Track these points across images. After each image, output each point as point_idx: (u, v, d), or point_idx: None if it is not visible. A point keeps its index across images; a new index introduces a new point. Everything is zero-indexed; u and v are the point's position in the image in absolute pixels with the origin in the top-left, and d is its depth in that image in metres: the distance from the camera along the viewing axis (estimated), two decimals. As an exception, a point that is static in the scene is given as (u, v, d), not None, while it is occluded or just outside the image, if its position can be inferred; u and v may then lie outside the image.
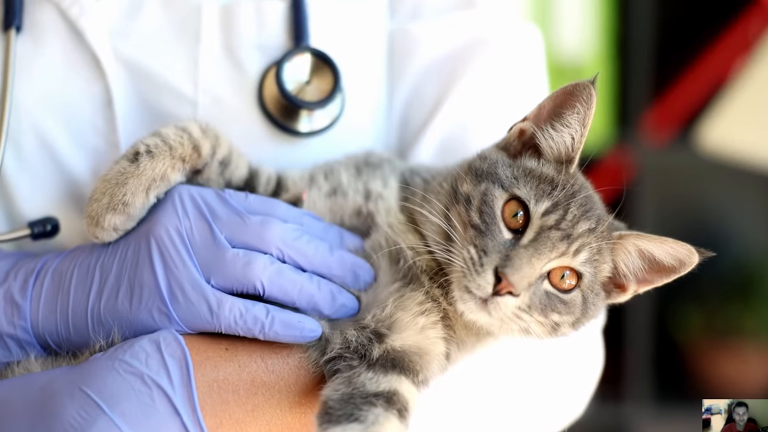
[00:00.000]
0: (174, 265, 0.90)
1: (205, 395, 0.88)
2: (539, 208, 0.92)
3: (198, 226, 0.92)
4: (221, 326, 0.90)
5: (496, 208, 0.93)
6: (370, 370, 0.90)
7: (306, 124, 1.07)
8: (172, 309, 0.90)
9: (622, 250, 0.96)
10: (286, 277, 0.92)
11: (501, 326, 0.93)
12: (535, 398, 1.12)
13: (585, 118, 0.93)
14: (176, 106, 1.05)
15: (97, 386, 0.85)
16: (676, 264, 0.95)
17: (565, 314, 0.94)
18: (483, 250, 0.91)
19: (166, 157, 0.94)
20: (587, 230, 0.93)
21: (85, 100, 1.05)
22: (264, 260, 0.91)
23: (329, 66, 1.07)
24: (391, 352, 0.92)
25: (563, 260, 0.92)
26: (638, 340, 2.42)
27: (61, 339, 0.94)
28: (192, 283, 0.90)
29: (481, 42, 1.14)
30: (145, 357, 0.87)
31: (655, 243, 0.95)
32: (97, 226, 0.94)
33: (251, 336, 0.91)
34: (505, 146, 1.00)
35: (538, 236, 0.91)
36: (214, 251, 0.91)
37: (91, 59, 1.05)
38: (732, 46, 2.38)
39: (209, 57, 1.06)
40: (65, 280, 0.94)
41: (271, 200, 0.97)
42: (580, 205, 0.93)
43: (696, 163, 2.46)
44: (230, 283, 0.91)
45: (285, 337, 0.91)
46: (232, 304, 0.90)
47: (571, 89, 0.93)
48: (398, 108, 1.14)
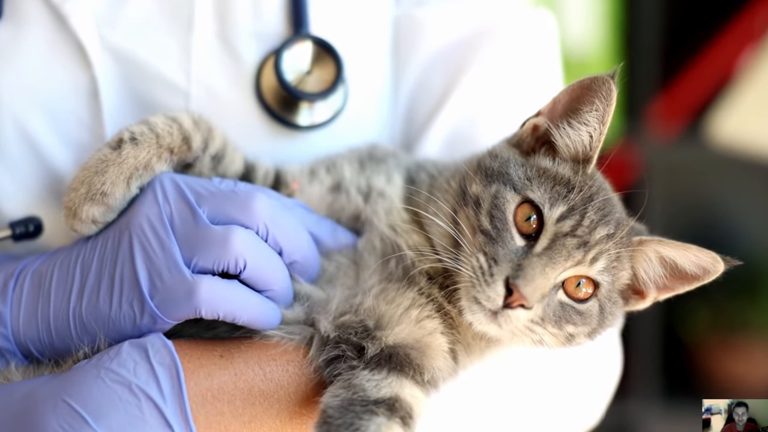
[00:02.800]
0: (153, 253, 0.87)
1: (199, 406, 0.85)
2: (554, 213, 0.88)
3: (179, 209, 0.89)
4: (201, 310, 0.86)
5: (507, 212, 0.89)
6: (367, 369, 0.87)
7: (306, 116, 1.05)
8: (149, 298, 0.86)
9: (642, 257, 0.93)
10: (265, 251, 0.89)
11: (512, 338, 0.90)
12: (550, 406, 1.10)
13: (604, 116, 0.89)
14: (168, 98, 1.02)
15: (81, 397, 0.81)
16: (699, 272, 0.91)
17: (581, 325, 0.90)
18: (493, 258, 0.88)
19: (152, 145, 0.91)
20: (605, 236, 0.89)
21: (69, 91, 1.02)
22: (243, 233, 0.87)
23: (331, 55, 1.04)
24: (386, 348, 0.89)
25: (579, 269, 0.89)
26: (644, 337, 2.40)
27: (43, 346, 0.91)
28: (170, 267, 0.86)
29: (490, 29, 1.11)
30: (132, 365, 0.83)
31: (678, 250, 0.91)
32: (75, 218, 0.91)
33: (231, 320, 0.87)
34: (517, 142, 0.96)
35: (552, 244, 0.88)
36: (194, 229, 0.88)
37: (76, 48, 1.02)
38: (738, 38, 2.36)
39: (203, 46, 1.03)
40: (45, 281, 0.91)
41: (261, 188, 0.94)
42: (597, 209, 0.89)
43: (703, 157, 2.44)
44: (210, 262, 0.87)
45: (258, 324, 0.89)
46: (209, 285, 0.86)
47: (588, 83, 0.89)
48: (403, 100, 1.12)
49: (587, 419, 1.15)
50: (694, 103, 2.41)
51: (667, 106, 2.41)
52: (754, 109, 2.31)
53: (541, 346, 0.90)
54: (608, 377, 1.16)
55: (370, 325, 0.89)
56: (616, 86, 0.88)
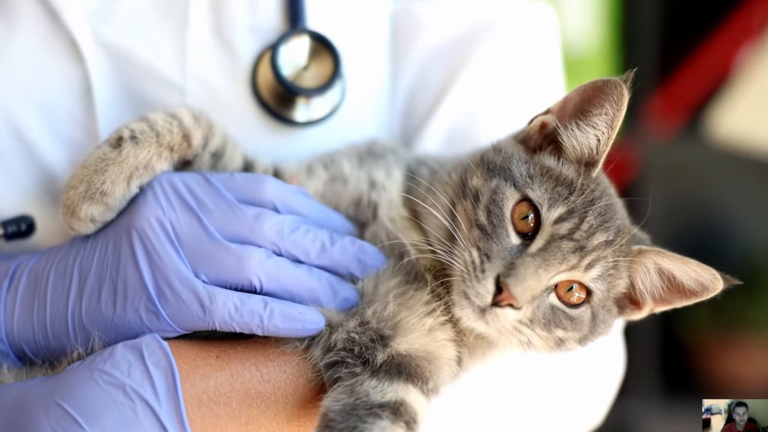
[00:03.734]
0: (159, 259, 0.86)
1: (194, 408, 0.83)
2: (552, 214, 0.87)
3: (184, 217, 0.87)
4: (215, 322, 0.85)
5: (505, 209, 0.88)
6: (374, 378, 0.85)
7: (303, 112, 1.03)
8: (161, 307, 0.85)
9: (640, 267, 0.91)
10: (285, 271, 0.87)
11: (499, 337, 0.89)
12: (551, 406, 1.09)
13: (614, 120, 0.87)
14: (162, 94, 1.01)
15: (74, 399, 0.80)
16: (697, 288, 0.89)
17: (571, 330, 0.89)
18: (486, 254, 0.86)
19: (152, 144, 0.90)
20: (603, 243, 0.87)
21: (62, 87, 1.00)
22: (260, 254, 0.87)
23: (328, 50, 1.02)
24: (397, 357, 0.87)
25: (573, 274, 0.87)
26: (644, 336, 2.40)
27: (38, 347, 0.89)
28: (180, 277, 0.85)
29: (490, 24, 1.09)
30: (127, 366, 0.82)
31: (677, 263, 0.89)
32: (73, 216, 0.89)
33: (248, 331, 0.86)
34: (524, 139, 0.94)
35: (548, 245, 0.86)
36: (204, 244, 0.87)
37: (69, 43, 1.00)
38: (737, 34, 2.37)
39: (198, 40, 1.02)
40: (41, 282, 0.89)
41: (258, 176, 0.93)
42: (598, 215, 0.88)
43: (702, 154, 2.44)
44: (223, 278, 0.86)
45: (286, 331, 0.86)
46: (226, 298, 0.85)
47: (600, 85, 0.87)
48: (402, 95, 1.10)
49: (589, 420, 1.14)
50: (693, 99, 2.42)
51: (666, 103, 2.41)
52: (754, 106, 2.31)
53: (530, 349, 0.88)
54: (611, 378, 1.15)
55: (387, 333, 0.87)
56: (628, 91, 0.86)
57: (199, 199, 0.89)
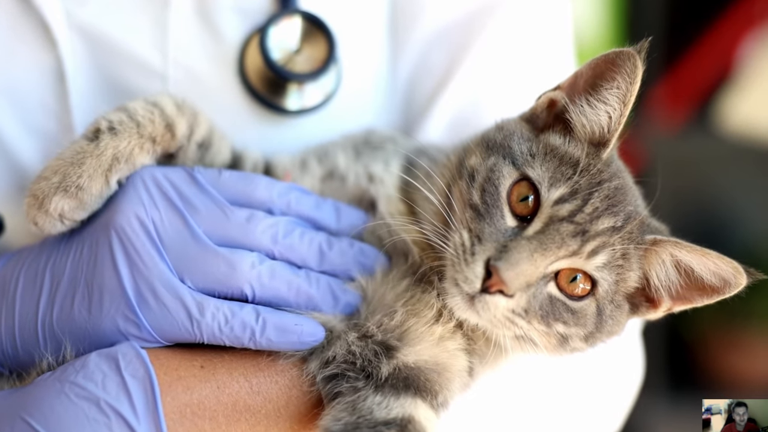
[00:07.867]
0: (141, 262, 0.82)
1: (176, 423, 0.80)
2: (552, 195, 0.82)
3: (168, 217, 0.84)
4: (203, 335, 0.82)
5: (501, 188, 0.84)
6: (379, 393, 0.82)
7: (296, 100, 1.01)
8: (142, 315, 0.82)
9: (655, 259, 0.86)
10: (280, 277, 0.85)
11: (493, 330, 0.84)
12: (568, 412, 1.06)
13: (626, 95, 0.84)
14: (142, 80, 0.98)
15: (42, 414, 0.77)
16: (718, 283, 0.84)
17: (573, 326, 0.84)
18: (477, 236, 0.82)
19: (132, 135, 0.86)
20: (609, 228, 0.82)
21: (33, 74, 0.97)
22: (251, 258, 0.84)
23: (322, 32, 1.00)
24: (404, 369, 0.83)
25: (574, 261, 0.82)
26: (647, 334, 2.40)
27: (6, 357, 0.86)
28: (164, 283, 0.82)
29: (495, 5, 1.06)
30: (101, 378, 0.78)
31: (696, 255, 0.84)
32: (40, 209, 0.85)
33: (240, 345, 0.83)
34: (530, 117, 0.90)
35: (546, 228, 0.82)
36: (190, 247, 0.84)
37: (40, 26, 0.97)
38: (742, 20, 2.36)
39: (180, 22, 0.98)
40: (9, 287, 0.86)
41: (249, 175, 0.90)
42: (605, 197, 0.83)
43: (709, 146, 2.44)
44: (211, 285, 0.83)
45: (281, 345, 0.83)
46: (216, 309, 0.82)
47: (613, 57, 0.83)
48: (402, 82, 1.07)
49: (606, 428, 1.11)
50: (699, 88, 2.43)
51: (671, 92, 2.41)
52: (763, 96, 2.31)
53: (532, 348, 0.84)
54: (629, 384, 1.12)
55: (393, 344, 0.84)
56: (643, 63, 0.81)
57: (185, 198, 0.85)
